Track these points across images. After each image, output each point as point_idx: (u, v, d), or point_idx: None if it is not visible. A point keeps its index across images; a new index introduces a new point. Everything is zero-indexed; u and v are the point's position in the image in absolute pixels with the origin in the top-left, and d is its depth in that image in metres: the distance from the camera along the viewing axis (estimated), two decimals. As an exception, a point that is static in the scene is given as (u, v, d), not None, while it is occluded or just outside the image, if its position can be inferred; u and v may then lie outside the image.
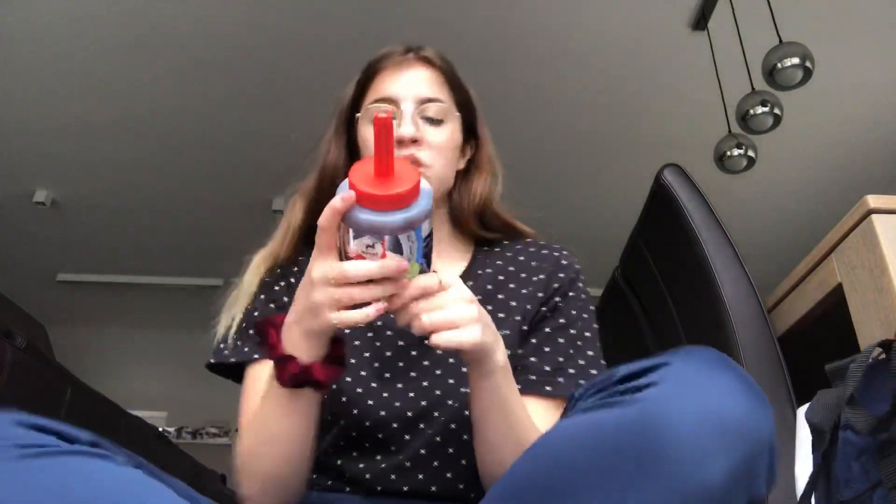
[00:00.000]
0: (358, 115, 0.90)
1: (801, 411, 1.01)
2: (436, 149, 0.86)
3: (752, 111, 2.58)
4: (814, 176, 4.08)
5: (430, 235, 0.62)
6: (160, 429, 3.58)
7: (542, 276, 0.90)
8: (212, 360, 0.86)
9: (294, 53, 3.22)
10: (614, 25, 3.08)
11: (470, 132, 0.95)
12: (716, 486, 0.47)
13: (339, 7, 2.98)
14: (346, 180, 0.58)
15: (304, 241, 0.91)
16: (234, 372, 0.86)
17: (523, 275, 0.91)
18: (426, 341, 0.63)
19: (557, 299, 0.89)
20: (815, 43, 2.49)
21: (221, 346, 0.87)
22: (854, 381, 0.80)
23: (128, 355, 6.13)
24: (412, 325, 0.62)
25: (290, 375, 0.65)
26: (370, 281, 0.60)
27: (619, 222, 2.43)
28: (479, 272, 0.92)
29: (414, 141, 0.84)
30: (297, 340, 0.65)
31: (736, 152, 2.83)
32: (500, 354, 0.68)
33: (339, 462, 0.81)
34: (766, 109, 2.56)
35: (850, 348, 0.95)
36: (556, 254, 0.94)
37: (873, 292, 1.03)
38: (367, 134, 0.88)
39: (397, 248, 0.59)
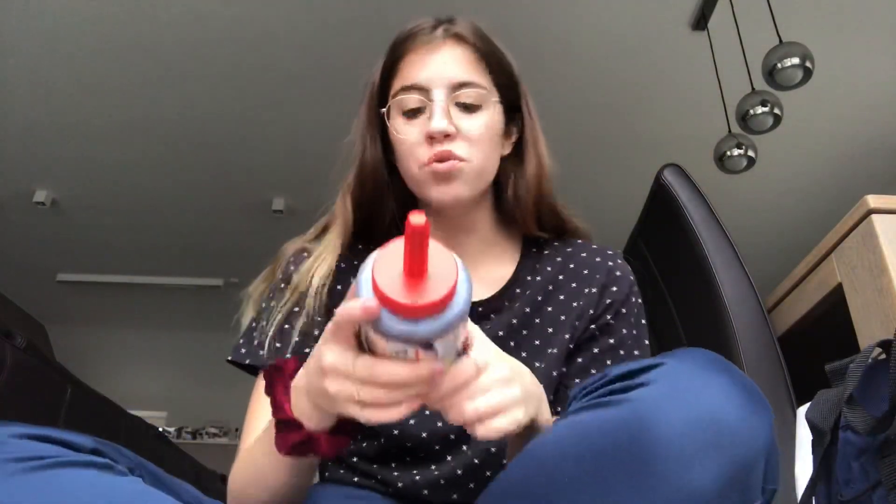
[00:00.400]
0: (383, 110, 0.82)
1: (801, 411, 1.01)
2: (473, 139, 0.78)
3: (752, 111, 2.58)
4: (814, 176, 4.08)
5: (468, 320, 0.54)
6: (160, 429, 3.58)
7: (593, 290, 0.84)
8: (229, 358, 0.82)
9: (295, 54, 3.22)
10: (614, 25, 3.08)
11: (514, 110, 0.86)
12: (704, 491, 0.45)
13: (339, 8, 2.98)
14: (370, 267, 0.50)
15: (355, 238, 0.87)
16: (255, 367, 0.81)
17: (573, 284, 0.85)
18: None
19: (609, 317, 0.83)
20: (815, 43, 2.49)
21: (241, 341, 0.83)
22: (853, 381, 0.80)
23: (128, 355, 6.13)
24: (448, 415, 0.54)
25: (289, 446, 0.58)
26: None
27: (619, 222, 2.43)
28: (529, 278, 0.86)
29: (447, 135, 0.77)
30: (306, 407, 0.57)
31: (736, 152, 2.83)
32: (544, 415, 0.62)
33: (374, 467, 0.80)
34: (766, 109, 2.56)
35: (850, 348, 0.95)
36: (609, 263, 0.86)
37: (873, 292, 1.03)
38: (399, 128, 0.81)
39: (432, 347, 0.51)
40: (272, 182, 4.11)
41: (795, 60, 2.37)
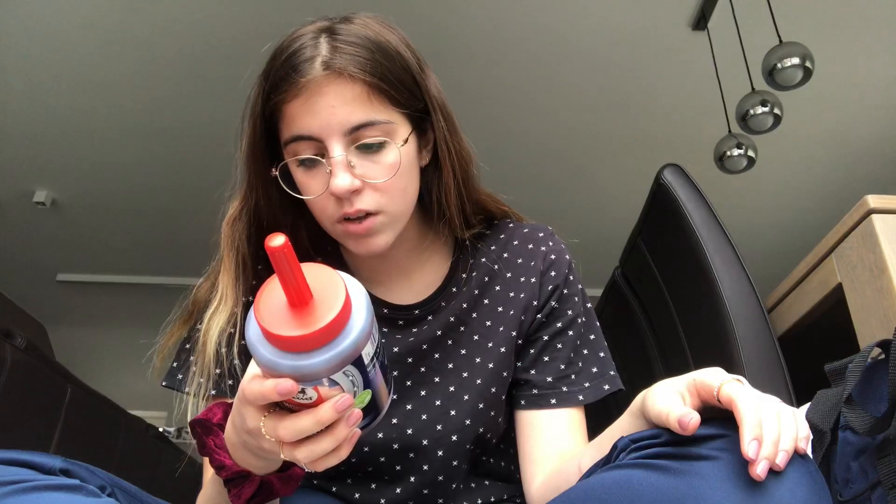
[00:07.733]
0: (275, 166, 0.74)
1: (801, 411, 1.01)
2: (382, 188, 0.70)
3: (752, 111, 2.58)
4: (814, 176, 4.08)
5: (380, 346, 0.50)
6: (160, 429, 3.57)
7: (532, 280, 0.82)
8: (163, 384, 0.81)
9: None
10: (614, 25, 3.08)
11: (424, 112, 0.76)
12: None
13: (339, 8, 2.98)
14: (253, 304, 0.45)
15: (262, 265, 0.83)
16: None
17: (509, 275, 0.83)
18: None
19: (553, 303, 0.82)
20: (815, 43, 2.49)
21: (174, 364, 0.83)
22: (852, 381, 0.80)
23: (128, 355, 6.13)
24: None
25: (245, 501, 0.56)
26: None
27: (619, 222, 2.43)
28: (464, 275, 0.83)
29: (354, 191, 0.69)
30: (249, 458, 0.54)
31: (736, 152, 2.83)
32: None
33: (333, 489, 0.79)
34: (766, 109, 2.56)
35: (850, 348, 0.95)
36: (542, 247, 0.84)
37: (873, 292, 1.03)
38: (299, 179, 0.73)
39: (335, 384, 0.47)
40: (272, 182, 4.11)
41: (795, 60, 2.37)
